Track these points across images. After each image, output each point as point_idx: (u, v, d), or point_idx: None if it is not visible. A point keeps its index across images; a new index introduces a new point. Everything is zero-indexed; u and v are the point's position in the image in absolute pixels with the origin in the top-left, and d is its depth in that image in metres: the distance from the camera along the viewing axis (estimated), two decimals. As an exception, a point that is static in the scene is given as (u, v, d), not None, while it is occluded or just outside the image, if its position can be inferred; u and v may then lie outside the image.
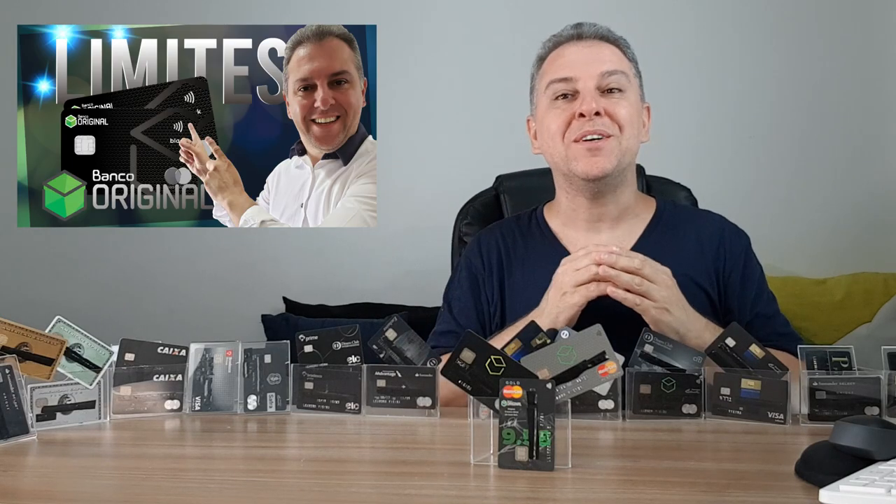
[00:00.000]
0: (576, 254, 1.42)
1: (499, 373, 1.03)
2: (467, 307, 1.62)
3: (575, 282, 1.38)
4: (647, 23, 3.10)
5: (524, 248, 1.62)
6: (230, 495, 0.91)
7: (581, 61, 1.53)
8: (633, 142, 1.54)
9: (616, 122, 1.51)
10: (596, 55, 1.54)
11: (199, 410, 1.32)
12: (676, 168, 1.96)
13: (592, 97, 1.50)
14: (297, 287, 3.29)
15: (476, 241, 1.68)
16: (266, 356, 1.33)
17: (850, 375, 1.22)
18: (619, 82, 1.52)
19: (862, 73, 3.12)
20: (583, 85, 1.51)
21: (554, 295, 1.41)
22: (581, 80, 1.52)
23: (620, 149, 1.51)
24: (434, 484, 0.93)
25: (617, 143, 1.51)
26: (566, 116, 1.52)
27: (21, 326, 1.19)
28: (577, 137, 1.50)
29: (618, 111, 1.51)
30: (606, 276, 1.36)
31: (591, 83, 1.51)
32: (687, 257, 1.55)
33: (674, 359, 1.28)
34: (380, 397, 1.29)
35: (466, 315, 1.61)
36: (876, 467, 0.85)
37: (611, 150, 1.50)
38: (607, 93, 1.52)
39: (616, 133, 1.51)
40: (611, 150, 1.50)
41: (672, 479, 0.92)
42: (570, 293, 1.38)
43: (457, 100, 3.24)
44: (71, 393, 1.24)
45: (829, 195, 3.11)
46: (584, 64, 1.53)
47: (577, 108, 1.51)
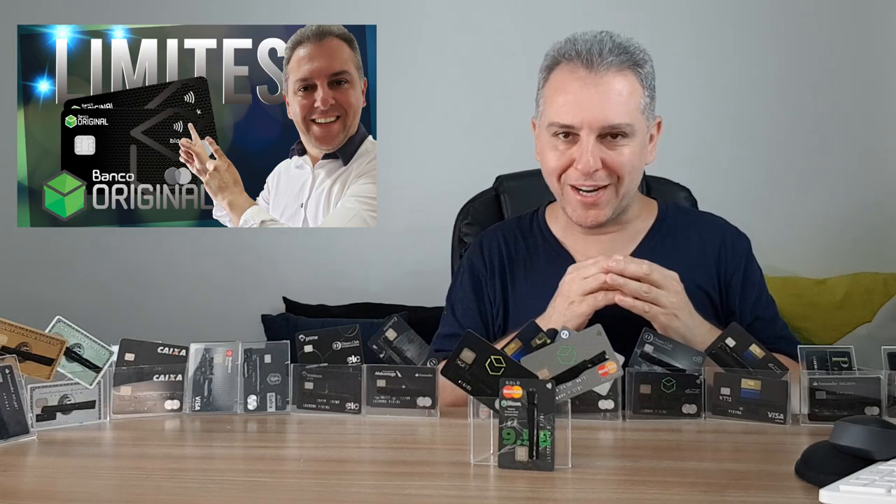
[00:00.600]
0: (583, 262, 1.41)
1: (499, 373, 1.03)
2: (470, 309, 1.61)
3: (582, 290, 1.36)
4: (647, 23, 3.10)
5: (526, 252, 1.62)
6: (230, 495, 0.91)
7: (586, 105, 1.43)
8: (632, 185, 1.51)
9: (615, 171, 1.46)
10: (604, 98, 1.43)
11: (199, 410, 1.32)
12: (676, 168, 1.96)
13: (592, 151, 1.43)
14: (297, 287, 3.29)
15: (478, 243, 1.67)
16: (266, 356, 1.33)
17: (850, 375, 1.22)
18: (624, 131, 1.45)
19: (862, 72, 3.12)
20: (584, 134, 1.44)
21: (561, 303, 1.39)
22: (583, 129, 1.44)
23: (618, 196, 1.49)
24: (434, 484, 0.93)
25: (613, 191, 1.48)
26: (564, 160, 1.47)
27: (21, 326, 1.19)
28: (573, 184, 1.48)
29: (618, 161, 1.45)
30: (615, 284, 1.34)
31: (593, 134, 1.43)
32: (689, 261, 1.54)
33: (674, 359, 1.28)
34: (380, 397, 1.29)
35: (470, 317, 1.60)
36: (876, 467, 0.85)
37: (606, 201, 1.48)
38: (611, 138, 1.45)
39: (614, 181, 1.47)
40: (606, 201, 1.48)
41: (672, 479, 0.92)
42: (578, 302, 1.36)
43: (457, 100, 3.24)
44: (71, 393, 1.24)
45: (829, 195, 3.11)
46: (590, 109, 1.43)
47: (575, 156, 1.45)
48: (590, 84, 1.44)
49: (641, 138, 1.48)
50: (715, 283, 1.55)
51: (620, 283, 1.34)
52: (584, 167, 1.44)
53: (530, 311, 1.45)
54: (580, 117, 1.44)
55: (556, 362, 1.07)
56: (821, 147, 3.12)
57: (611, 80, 1.44)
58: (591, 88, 1.44)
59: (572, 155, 1.46)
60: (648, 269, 1.35)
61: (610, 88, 1.44)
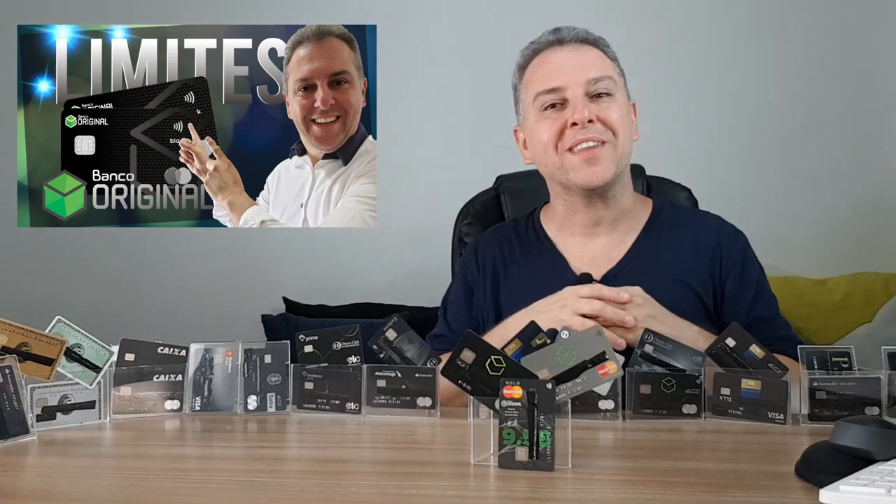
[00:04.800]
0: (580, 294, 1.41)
1: (499, 373, 1.03)
2: (460, 313, 1.63)
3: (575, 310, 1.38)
4: (647, 23, 3.10)
5: (521, 254, 1.63)
6: (230, 495, 0.91)
7: (566, 68, 1.51)
8: (628, 145, 1.53)
9: (609, 127, 1.49)
10: (580, 60, 1.52)
11: (199, 410, 1.32)
12: (676, 168, 1.96)
13: (583, 104, 1.48)
14: (297, 287, 3.29)
15: (473, 247, 1.69)
16: (266, 356, 1.33)
17: (850, 375, 1.22)
18: (607, 87, 1.51)
19: (862, 72, 3.12)
20: (571, 93, 1.50)
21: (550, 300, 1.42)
22: (569, 88, 1.50)
23: (617, 154, 1.50)
24: (434, 484, 0.93)
25: (612, 148, 1.50)
26: (558, 126, 1.50)
27: (21, 326, 1.19)
28: (571, 146, 1.49)
29: (609, 116, 1.50)
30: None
31: (580, 90, 1.49)
32: (682, 260, 1.54)
33: (674, 359, 1.28)
34: (380, 397, 1.29)
35: (458, 321, 1.62)
36: (876, 467, 0.85)
37: (607, 156, 1.49)
38: (596, 98, 1.50)
39: (610, 139, 1.49)
40: (607, 156, 1.49)
41: (672, 479, 0.92)
42: (567, 318, 1.37)
43: (457, 100, 3.24)
44: (71, 393, 1.24)
45: (829, 195, 3.11)
46: (570, 71, 1.51)
47: (568, 116, 1.49)
48: (566, 51, 1.54)
49: (624, 102, 1.54)
50: (708, 284, 1.54)
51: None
52: (579, 116, 1.48)
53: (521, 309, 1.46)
54: (564, 78, 1.50)
55: (556, 362, 1.07)
56: (821, 147, 3.12)
57: (582, 47, 1.54)
58: (567, 54, 1.53)
59: (564, 117, 1.50)
60: (598, 293, 1.39)
61: (584, 52, 1.54)
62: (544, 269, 1.58)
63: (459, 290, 1.66)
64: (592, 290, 1.40)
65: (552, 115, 1.52)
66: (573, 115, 1.48)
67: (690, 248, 1.56)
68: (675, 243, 1.57)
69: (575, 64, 1.51)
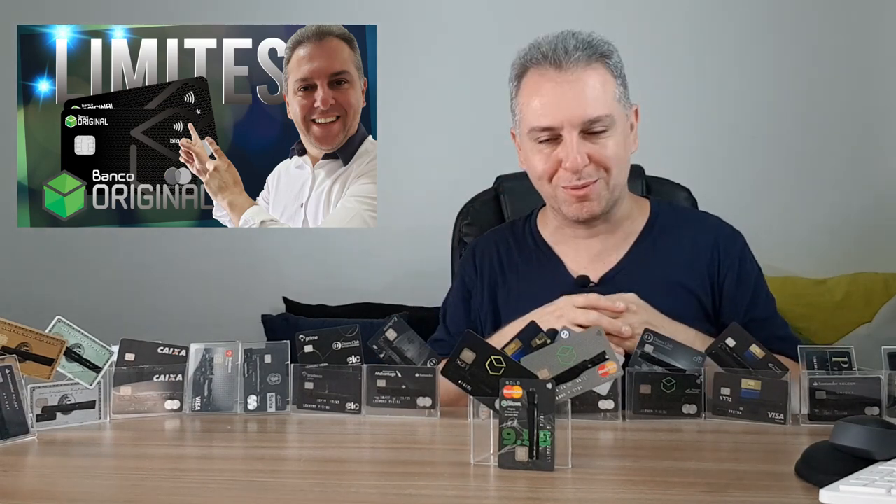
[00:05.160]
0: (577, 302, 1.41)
1: (499, 373, 1.03)
2: (458, 317, 1.63)
3: (571, 321, 1.37)
4: (647, 23, 3.10)
5: (518, 257, 1.62)
6: (230, 495, 0.91)
7: (563, 104, 1.43)
8: (622, 176, 1.51)
9: (603, 165, 1.46)
10: (578, 94, 1.43)
11: (199, 410, 1.32)
12: (676, 168, 1.96)
13: (577, 148, 1.43)
14: (297, 287, 3.29)
15: (471, 250, 1.69)
16: (266, 356, 1.33)
17: (850, 375, 1.22)
18: (604, 125, 1.44)
19: (862, 72, 3.12)
20: (567, 133, 1.43)
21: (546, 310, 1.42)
22: (564, 128, 1.43)
23: (608, 189, 1.49)
24: (434, 484, 0.93)
25: (604, 184, 1.48)
26: (552, 163, 1.47)
27: (21, 326, 1.19)
28: (563, 185, 1.48)
29: (605, 153, 1.45)
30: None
31: (575, 131, 1.43)
32: (679, 262, 1.54)
33: (674, 359, 1.28)
34: (380, 397, 1.29)
35: (457, 325, 1.62)
36: (876, 467, 0.85)
37: (598, 193, 1.48)
38: (591, 135, 1.45)
39: (603, 175, 1.47)
40: (598, 193, 1.48)
41: (672, 479, 0.92)
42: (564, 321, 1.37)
43: (457, 100, 3.24)
44: (71, 393, 1.24)
45: (829, 195, 3.11)
46: (567, 109, 1.43)
47: (561, 156, 1.45)
48: (562, 83, 1.44)
49: (622, 128, 1.48)
50: (706, 285, 1.53)
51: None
52: (571, 165, 1.44)
53: (519, 314, 1.45)
54: (559, 117, 1.43)
55: (556, 362, 1.07)
56: (820, 147, 3.12)
57: (581, 75, 1.44)
58: (564, 86, 1.43)
59: (558, 156, 1.46)
60: (594, 302, 1.38)
61: (583, 84, 1.44)
62: (542, 273, 1.57)
63: (457, 293, 1.66)
64: (588, 300, 1.39)
65: (546, 149, 1.47)
66: (566, 160, 1.44)
67: (688, 249, 1.56)
68: (673, 245, 1.56)
69: (571, 98, 1.43)
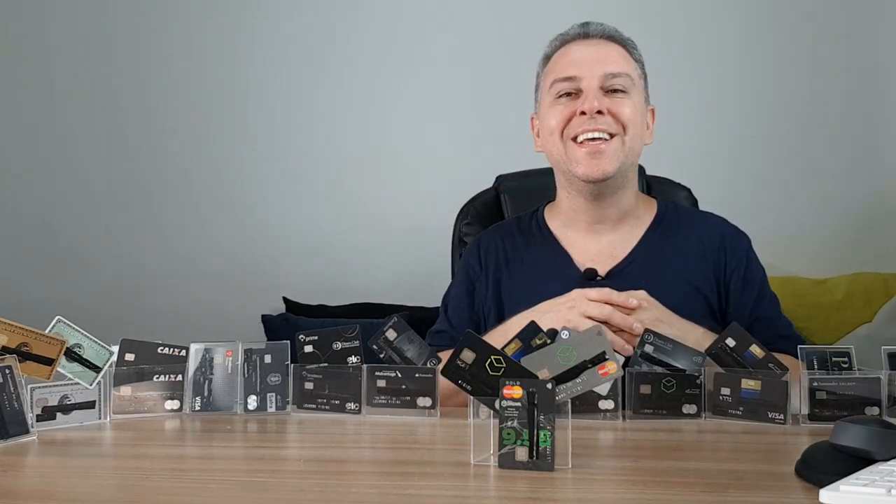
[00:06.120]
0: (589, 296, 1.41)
1: (499, 373, 1.03)
2: (461, 309, 1.63)
3: (583, 312, 1.37)
4: (647, 22, 3.09)
5: (524, 250, 1.62)
6: (230, 495, 0.91)
7: (586, 60, 1.52)
8: (637, 142, 1.53)
9: (619, 121, 1.49)
10: (602, 55, 1.53)
11: (199, 410, 1.32)
12: (676, 168, 1.96)
13: (595, 96, 1.49)
14: (297, 287, 3.29)
15: (475, 243, 1.68)
16: (266, 356, 1.33)
17: (850, 375, 1.22)
18: (623, 83, 1.51)
19: (862, 72, 3.12)
20: (586, 84, 1.50)
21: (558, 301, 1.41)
22: (585, 78, 1.51)
23: (623, 149, 1.50)
24: (434, 484, 0.93)
25: (620, 143, 1.50)
26: (567, 113, 1.51)
27: (21, 326, 1.19)
28: (576, 135, 1.49)
29: (621, 110, 1.50)
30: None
31: (595, 82, 1.50)
32: (687, 261, 1.54)
33: (674, 359, 1.28)
34: (380, 397, 1.28)
35: (460, 317, 1.62)
36: (876, 467, 0.85)
37: (613, 151, 1.49)
38: (611, 93, 1.51)
39: (619, 132, 1.49)
40: (613, 151, 1.49)
41: (672, 479, 0.92)
42: (574, 319, 1.36)
43: (457, 100, 3.24)
44: (71, 393, 1.24)
45: (829, 195, 3.11)
46: (589, 63, 1.51)
47: (578, 105, 1.50)
48: (589, 45, 1.55)
49: (639, 102, 1.53)
50: (713, 283, 1.54)
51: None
52: (588, 105, 1.48)
53: (524, 306, 1.46)
54: (582, 69, 1.51)
55: (556, 362, 1.07)
56: (820, 147, 3.12)
57: (606, 43, 1.55)
58: (590, 47, 1.54)
59: (575, 106, 1.51)
60: (607, 297, 1.38)
61: (608, 48, 1.54)
62: (548, 265, 1.57)
63: (461, 286, 1.65)
64: (601, 294, 1.39)
65: (565, 102, 1.53)
66: (583, 104, 1.49)
67: (695, 247, 1.56)
68: (680, 243, 1.57)
69: (595, 57, 1.52)
